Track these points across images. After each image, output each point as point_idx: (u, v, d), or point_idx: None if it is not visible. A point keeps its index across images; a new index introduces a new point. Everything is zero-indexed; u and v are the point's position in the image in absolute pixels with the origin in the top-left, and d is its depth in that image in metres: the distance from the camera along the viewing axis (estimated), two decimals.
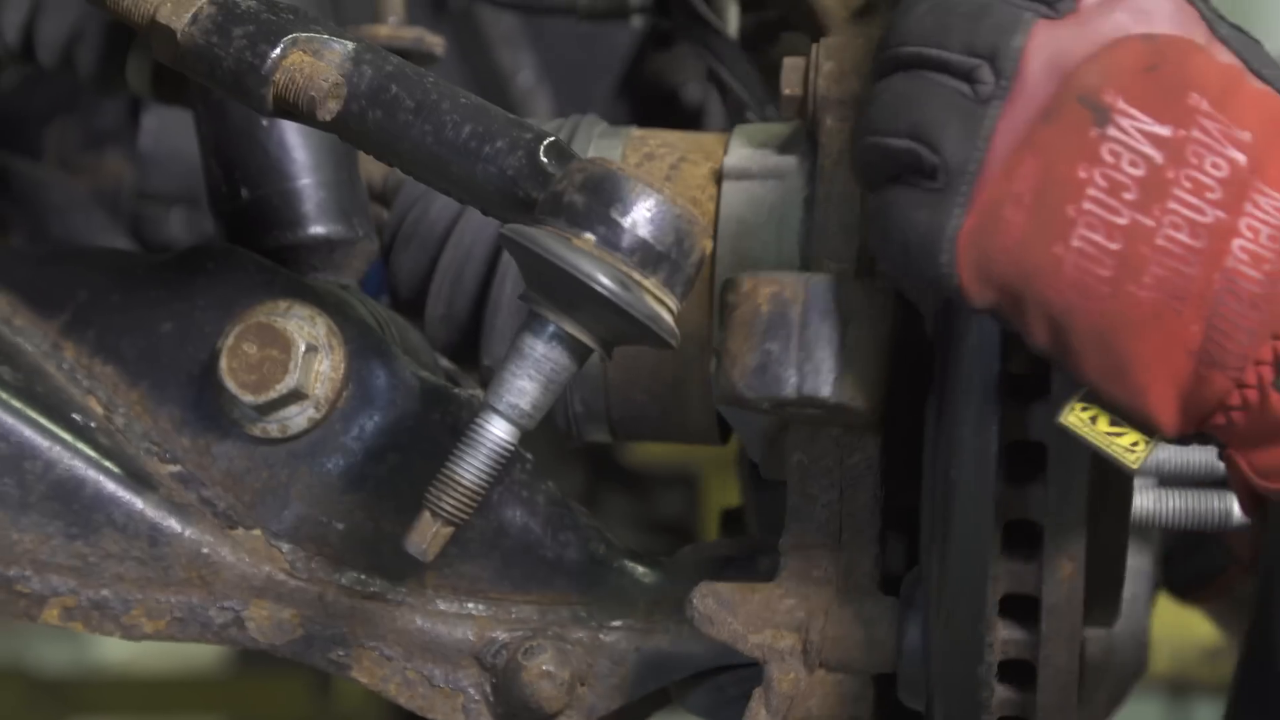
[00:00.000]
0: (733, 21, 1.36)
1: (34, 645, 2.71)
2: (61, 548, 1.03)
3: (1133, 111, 0.83)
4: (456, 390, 1.05)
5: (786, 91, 1.02)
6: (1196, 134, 0.83)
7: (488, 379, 1.16)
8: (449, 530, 0.92)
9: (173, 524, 1.04)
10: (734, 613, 0.99)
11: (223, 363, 1.03)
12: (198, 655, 2.61)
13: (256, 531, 1.05)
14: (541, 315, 0.90)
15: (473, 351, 1.17)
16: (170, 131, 1.37)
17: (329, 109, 0.94)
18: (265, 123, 1.09)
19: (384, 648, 1.04)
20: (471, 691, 1.04)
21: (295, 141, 1.10)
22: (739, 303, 0.93)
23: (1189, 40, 0.85)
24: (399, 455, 1.04)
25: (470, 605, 1.05)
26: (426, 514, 0.92)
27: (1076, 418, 0.84)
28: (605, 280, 0.88)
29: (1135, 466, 0.84)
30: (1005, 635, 0.94)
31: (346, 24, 1.19)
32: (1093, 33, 0.85)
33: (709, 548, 1.09)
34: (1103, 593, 1.03)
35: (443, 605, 1.05)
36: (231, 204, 1.11)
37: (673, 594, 1.04)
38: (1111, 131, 0.83)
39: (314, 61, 0.94)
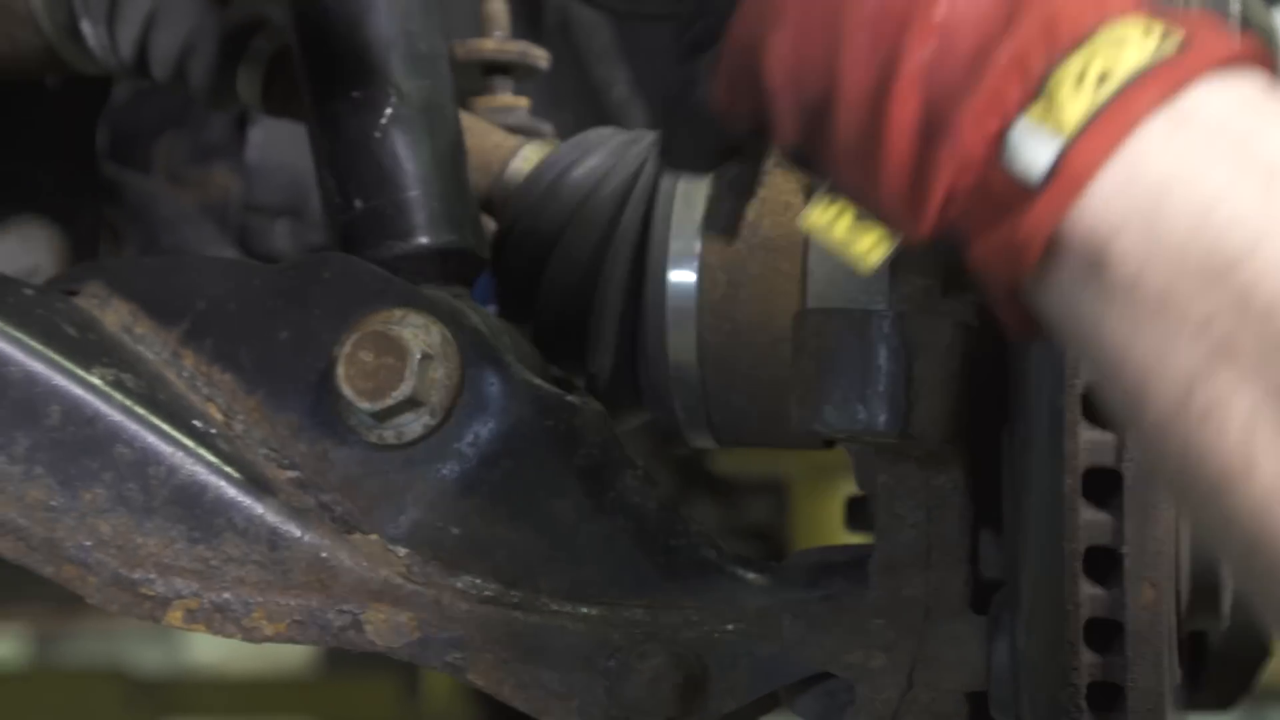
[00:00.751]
0: None
1: (131, 646, 2.75)
2: (184, 551, 1.06)
3: None
4: (569, 397, 1.07)
5: None
6: None
7: (593, 386, 1.18)
8: None
9: (292, 528, 1.06)
10: (826, 632, 1.01)
11: (340, 370, 1.05)
12: (288, 656, 2.65)
13: (374, 536, 1.07)
14: None
15: (579, 360, 1.18)
16: (276, 144, 1.40)
17: None
18: (378, 134, 1.11)
19: (499, 650, 1.06)
20: (585, 694, 1.06)
21: (408, 153, 1.12)
22: (809, 337, 0.95)
23: None
24: (513, 461, 1.06)
25: (583, 609, 1.06)
26: None
27: (819, 216, 0.77)
28: None
29: (871, 267, 0.78)
30: (1091, 659, 0.94)
31: (453, 39, 1.21)
32: None
33: (818, 553, 1.10)
34: (1203, 599, 1.03)
35: (556, 609, 1.06)
36: (345, 214, 1.13)
37: (782, 599, 1.05)
38: None
39: None
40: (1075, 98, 0.71)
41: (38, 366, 1.05)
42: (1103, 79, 0.71)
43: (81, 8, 1.18)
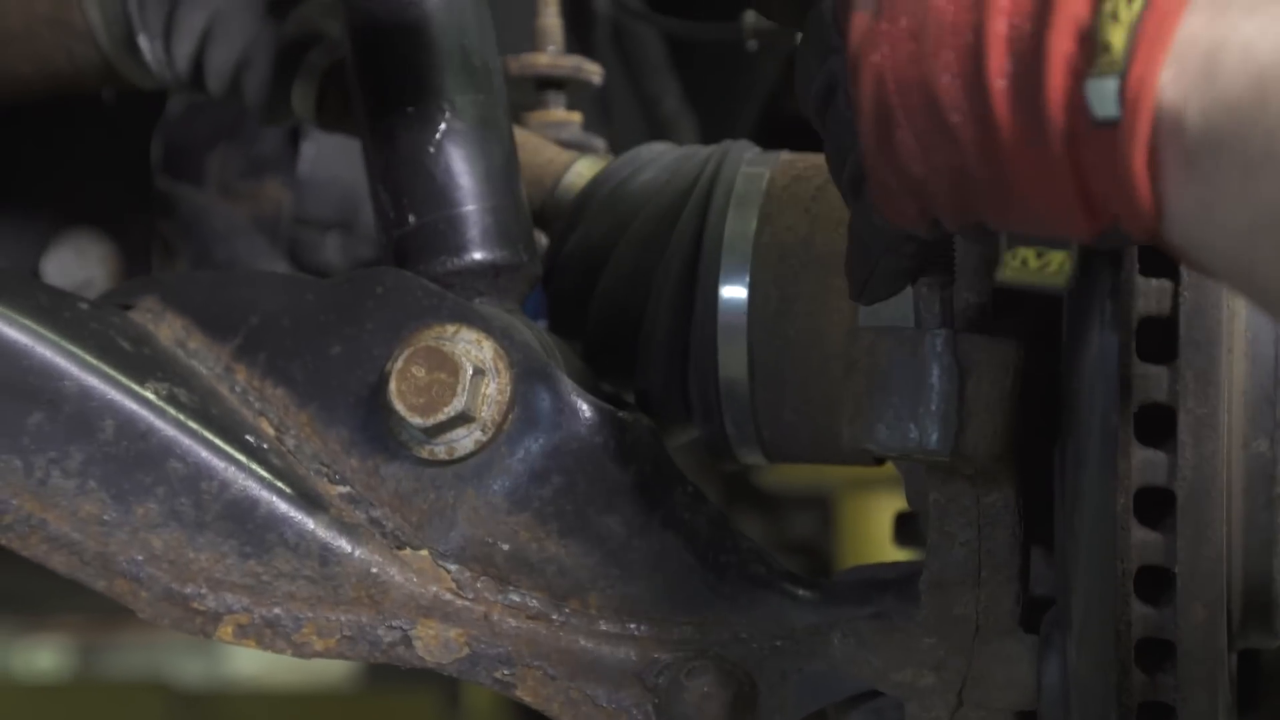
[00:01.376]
0: None
1: (173, 658, 2.76)
2: (236, 566, 1.06)
3: None
4: (620, 413, 1.07)
5: None
6: None
7: (643, 402, 1.18)
8: None
9: (343, 544, 1.06)
10: (875, 652, 1.01)
11: (392, 385, 1.05)
12: (328, 670, 2.65)
13: (424, 552, 1.07)
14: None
15: (629, 376, 1.18)
16: (327, 158, 1.40)
17: None
18: (432, 149, 1.11)
19: (548, 667, 1.06)
20: (634, 711, 1.05)
21: (462, 168, 1.12)
22: (861, 355, 0.95)
23: None
24: (563, 477, 1.06)
25: (633, 626, 1.06)
26: None
27: (1013, 270, 0.82)
28: None
29: (1065, 285, 0.81)
30: (1143, 680, 0.94)
31: (506, 53, 1.21)
32: None
33: (868, 570, 1.09)
34: (1256, 617, 1.02)
35: (605, 626, 1.06)
36: (399, 229, 1.13)
37: (832, 616, 1.05)
38: None
39: None
40: (1116, 28, 0.75)
41: (93, 381, 1.05)
42: None
43: (139, 23, 1.19)
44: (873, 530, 2.25)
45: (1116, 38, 0.75)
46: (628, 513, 1.06)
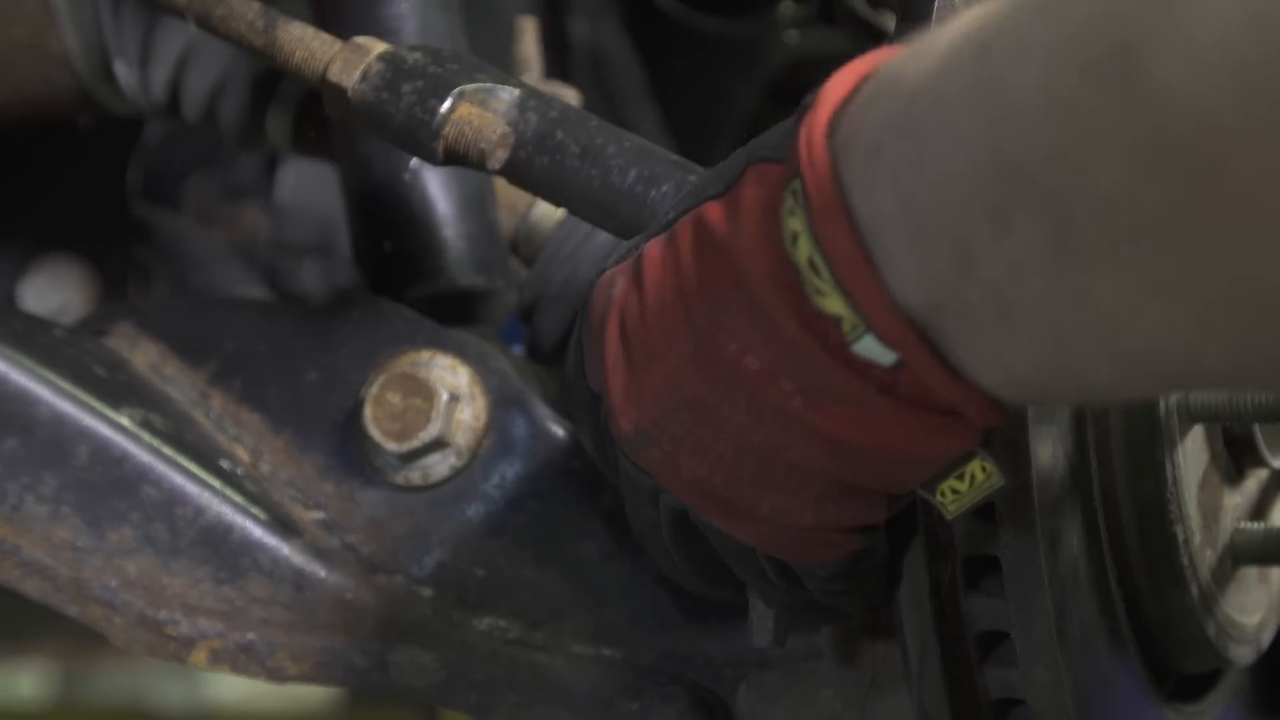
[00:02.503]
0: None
1: (154, 684, 2.75)
2: (210, 592, 1.06)
3: None
4: None
5: None
6: None
7: None
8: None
9: (317, 569, 1.06)
10: (775, 704, 1.01)
11: (367, 411, 1.05)
12: (310, 695, 2.65)
13: (399, 577, 1.07)
14: None
15: None
16: (305, 184, 1.40)
17: (498, 158, 0.96)
18: (407, 176, 1.12)
19: (522, 692, 1.06)
20: None
21: (437, 194, 1.12)
22: None
23: None
24: (539, 503, 1.06)
25: (606, 651, 1.06)
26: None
27: (954, 503, 0.80)
28: None
29: (1005, 479, 0.80)
30: None
31: None
32: None
33: (822, 634, 1.09)
34: (1193, 654, 1.01)
35: (579, 650, 1.06)
36: (374, 256, 1.13)
37: (802, 643, 1.05)
38: None
39: (481, 113, 0.96)
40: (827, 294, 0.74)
41: (67, 407, 1.05)
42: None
43: (116, 49, 1.19)
44: None
45: (834, 305, 0.73)
46: (602, 539, 1.06)
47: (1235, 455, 1.02)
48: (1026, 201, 0.65)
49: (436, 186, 1.12)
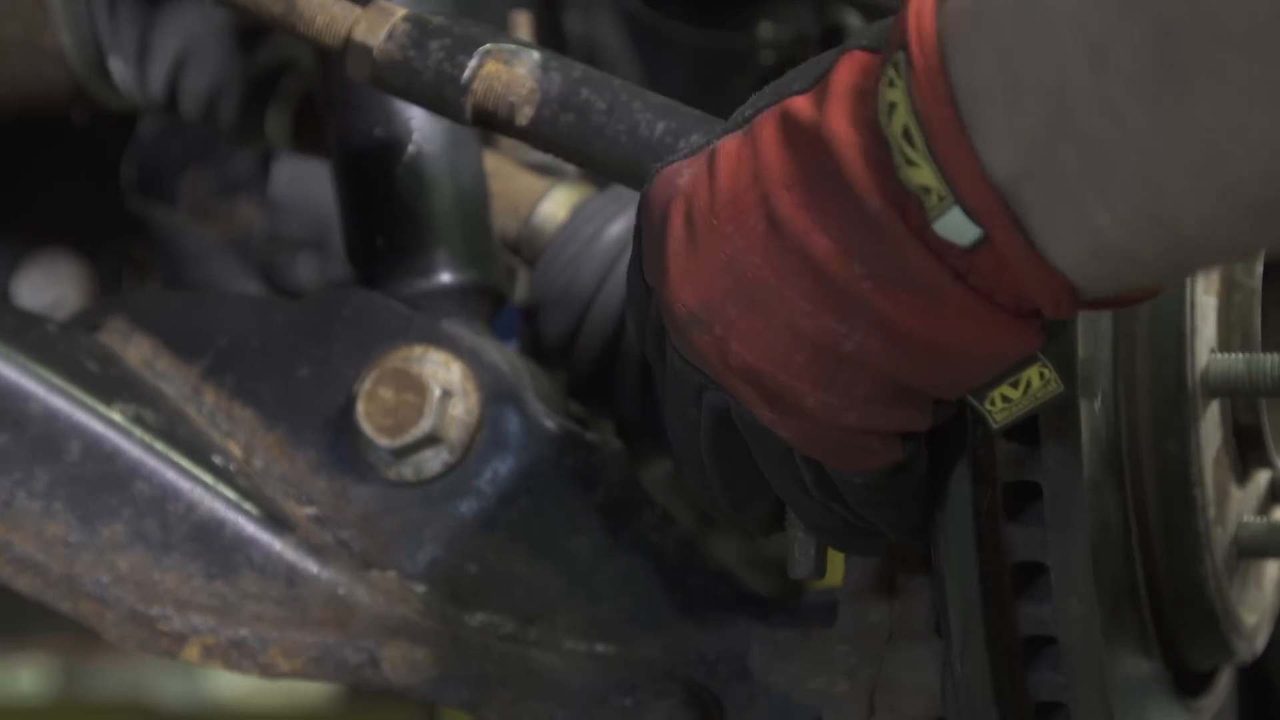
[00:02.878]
0: None
1: (153, 680, 2.75)
2: (202, 587, 1.06)
3: None
4: (588, 435, 1.07)
5: None
6: None
7: (620, 432, 1.19)
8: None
9: (310, 565, 1.06)
10: (790, 659, 1.00)
11: (359, 407, 1.05)
12: (309, 692, 2.65)
13: (391, 573, 1.07)
14: None
15: (607, 403, 1.19)
16: (300, 178, 1.40)
17: (525, 114, 0.96)
18: (400, 172, 1.12)
19: (515, 688, 1.06)
20: None
21: (430, 191, 1.12)
22: None
23: None
24: (531, 498, 1.06)
25: (600, 647, 1.06)
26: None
27: (1002, 413, 0.80)
28: None
29: (1062, 388, 0.80)
30: (1037, 678, 0.91)
31: None
32: None
33: (840, 591, 1.09)
34: (1199, 630, 1.01)
35: (572, 646, 1.06)
36: (367, 251, 1.13)
37: (800, 637, 1.05)
38: None
39: (508, 70, 0.96)
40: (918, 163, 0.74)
41: (58, 402, 1.05)
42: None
43: (111, 45, 1.19)
44: None
45: (924, 175, 0.73)
46: (595, 534, 1.06)
47: (1243, 450, 1.02)
48: (1128, 26, 0.66)
49: (430, 182, 1.12)
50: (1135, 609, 0.94)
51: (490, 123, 0.97)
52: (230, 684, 2.65)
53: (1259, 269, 1.01)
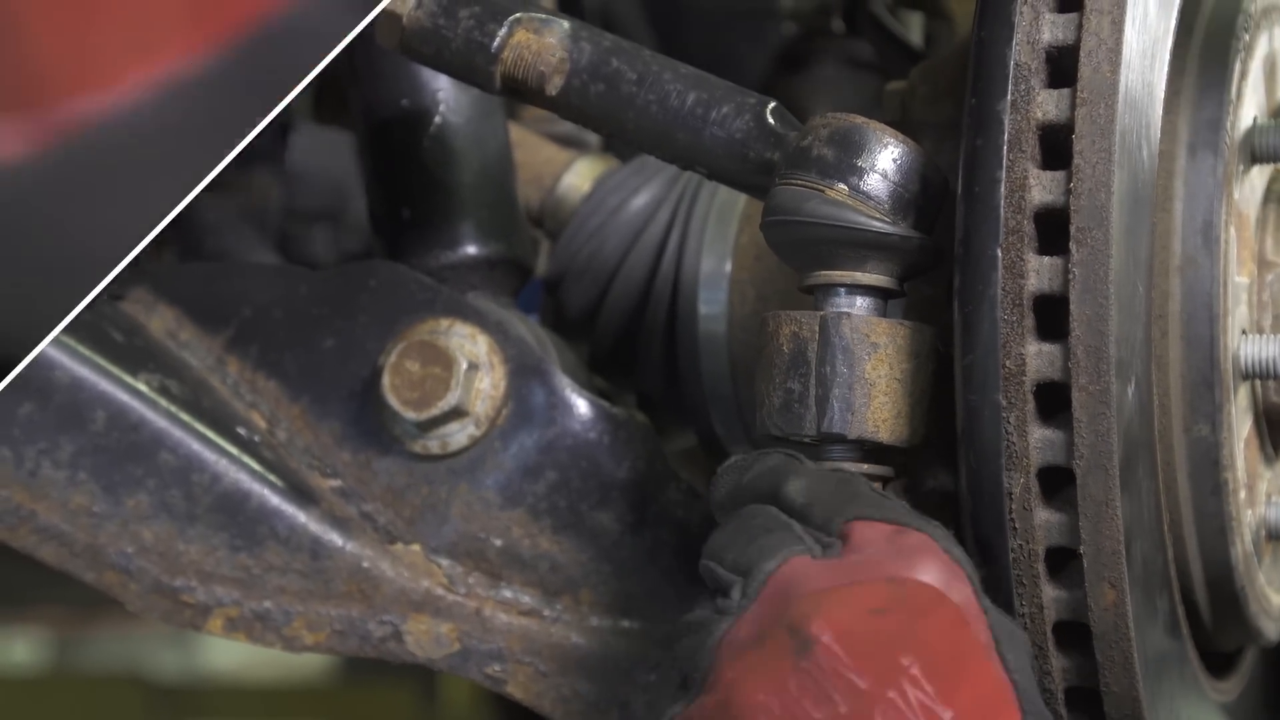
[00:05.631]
0: (916, 35, 1.37)
1: (149, 651, 2.75)
2: (226, 559, 1.05)
3: (836, 650, 0.79)
4: (615, 410, 1.07)
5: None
6: (893, 695, 0.78)
7: (642, 406, 1.18)
8: None
9: (334, 538, 1.06)
10: None
11: (385, 379, 1.05)
12: (306, 663, 2.64)
13: (416, 546, 1.06)
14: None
15: (629, 376, 1.19)
16: (316, 150, 1.39)
17: (555, 84, 0.95)
18: (426, 143, 1.11)
19: (539, 663, 1.06)
20: (625, 709, 1.05)
21: (456, 162, 1.11)
22: (765, 341, 0.94)
23: (937, 593, 0.81)
24: (557, 473, 1.06)
25: (624, 622, 1.06)
26: None
27: None
28: (878, 226, 0.90)
29: None
30: (1064, 664, 0.92)
31: None
32: (845, 567, 0.82)
33: None
34: (1226, 610, 1.01)
35: (597, 622, 1.06)
36: (392, 223, 1.12)
37: None
38: (806, 664, 0.79)
39: (538, 39, 0.96)
40: None
41: (84, 371, 1.04)
42: None
43: None
44: None
45: None
46: (621, 509, 1.06)
47: (1273, 431, 1.02)
48: None
49: (455, 154, 1.11)
50: (1165, 591, 0.94)
51: (519, 92, 0.97)
52: (226, 655, 2.65)
53: None
